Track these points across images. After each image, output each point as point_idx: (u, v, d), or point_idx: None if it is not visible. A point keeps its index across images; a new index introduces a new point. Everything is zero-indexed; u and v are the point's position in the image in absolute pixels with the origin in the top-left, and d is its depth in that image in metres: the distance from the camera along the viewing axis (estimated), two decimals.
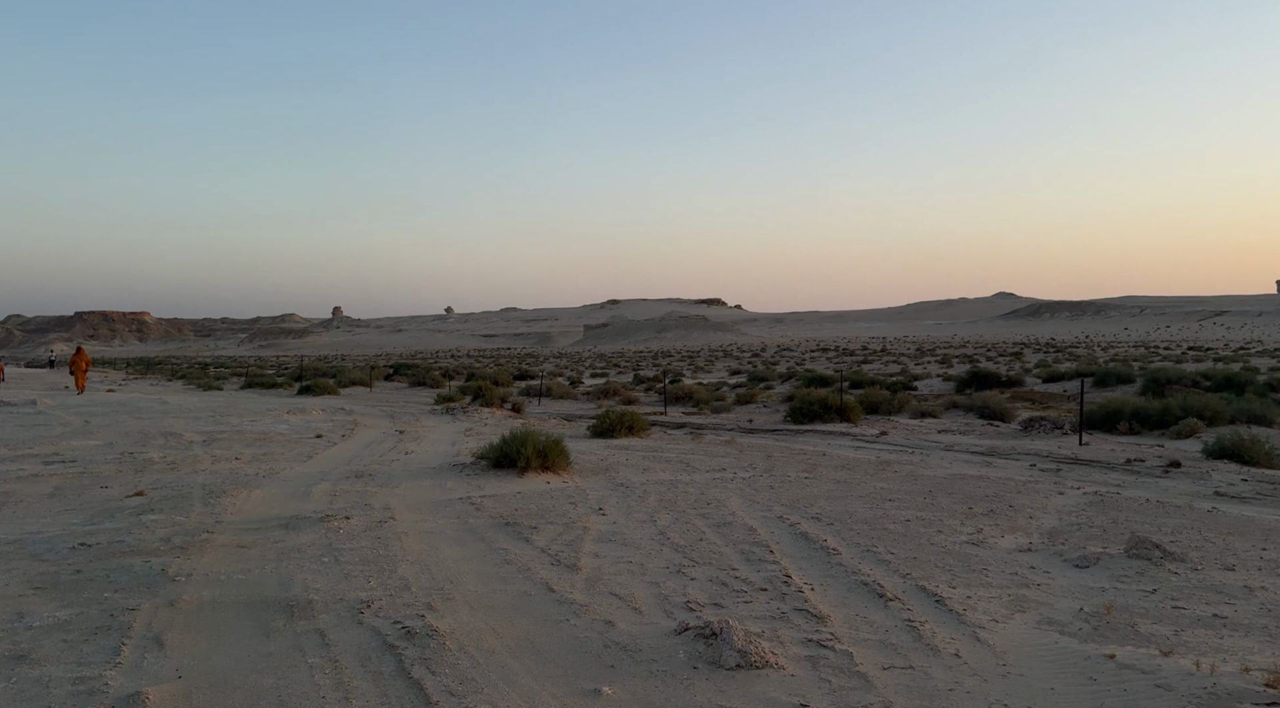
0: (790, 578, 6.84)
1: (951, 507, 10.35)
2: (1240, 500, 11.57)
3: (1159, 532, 8.86)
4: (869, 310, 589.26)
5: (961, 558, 7.70)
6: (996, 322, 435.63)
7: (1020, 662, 5.04)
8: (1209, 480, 13.26)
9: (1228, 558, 7.75)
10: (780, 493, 11.19)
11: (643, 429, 18.61)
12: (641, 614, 5.92)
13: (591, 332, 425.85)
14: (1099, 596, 6.42)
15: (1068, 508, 10.45)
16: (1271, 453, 16.29)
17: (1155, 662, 4.81)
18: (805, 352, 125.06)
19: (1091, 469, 14.60)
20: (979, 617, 5.89)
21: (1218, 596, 6.43)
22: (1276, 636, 5.51)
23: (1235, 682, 4.40)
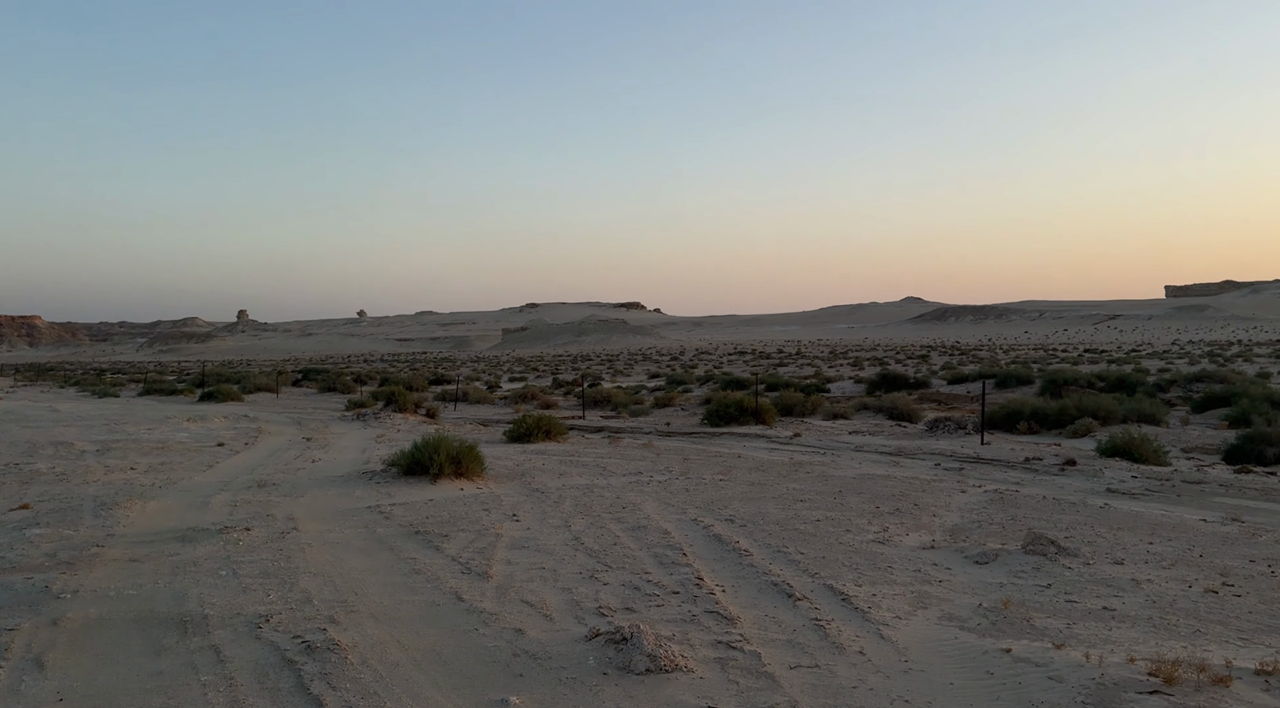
0: (702, 580, 6.87)
1: (860, 506, 10.58)
2: (1130, 496, 12.14)
3: (1054, 528, 9.23)
4: (785, 314, 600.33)
5: (868, 557, 7.87)
6: (905, 325, 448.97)
7: (922, 658, 5.17)
8: (1102, 478, 13.89)
9: (1117, 552, 8.12)
10: (695, 496, 11.26)
11: (560, 433, 18.51)
12: (553, 621, 5.86)
13: (510, 335, 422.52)
14: (997, 591, 6.65)
15: (969, 506, 10.79)
16: (1159, 451, 17.17)
17: (1048, 654, 4.99)
18: (723, 355, 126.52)
19: (992, 468, 15.13)
20: (883, 614, 6.03)
21: (1107, 589, 6.73)
22: (1160, 626, 5.79)
23: (1121, 672, 4.59)
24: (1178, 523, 9.77)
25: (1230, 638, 5.51)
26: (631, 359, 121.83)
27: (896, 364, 69.96)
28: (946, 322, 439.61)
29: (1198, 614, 6.04)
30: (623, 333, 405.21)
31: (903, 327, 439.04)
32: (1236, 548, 8.42)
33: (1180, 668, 4.47)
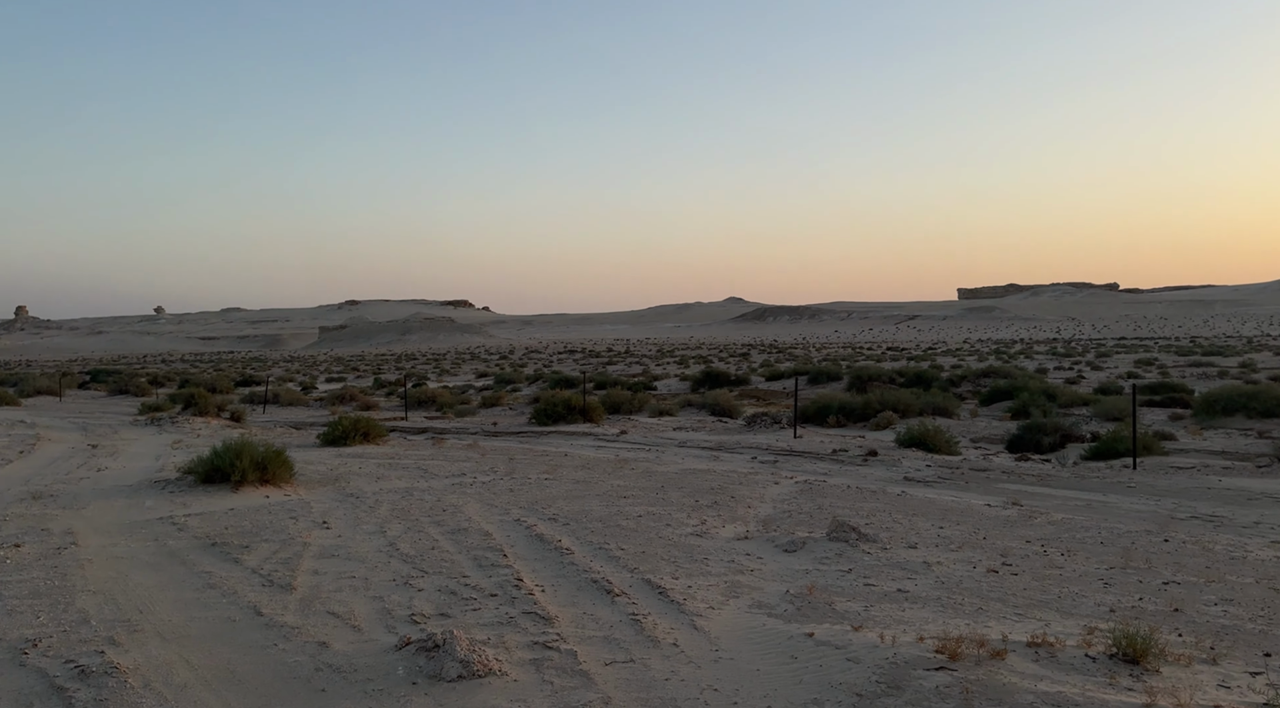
0: (522, 581, 6.78)
1: (681, 501, 10.80)
2: (925, 484, 13.06)
3: (857, 516, 9.77)
4: (615, 313, 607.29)
5: (686, 549, 8.03)
6: (728, 324, 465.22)
7: (732, 646, 5.31)
8: (900, 467, 14.87)
9: (912, 537, 8.69)
10: (520, 496, 11.13)
11: (379, 436, 17.84)
12: (361, 632, 5.60)
13: (328, 334, 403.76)
14: (803, 578, 6.95)
15: (782, 497, 11.26)
16: (951, 441, 18.59)
17: (847, 637, 5.25)
18: (553, 354, 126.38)
19: (804, 460, 15.89)
20: (697, 605, 6.16)
21: (901, 572, 7.18)
22: (948, 606, 6.23)
23: (912, 651, 4.89)
24: (965, 508, 10.58)
25: (1008, 614, 6.00)
26: (459, 358, 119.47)
27: (720, 362, 72.27)
28: (766, 321, 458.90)
29: (980, 593, 6.55)
30: (450, 331, 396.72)
31: (726, 326, 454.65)
32: (1015, 530, 9.21)
33: (963, 644, 4.81)
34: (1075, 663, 4.75)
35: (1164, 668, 4.74)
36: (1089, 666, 4.71)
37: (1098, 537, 8.78)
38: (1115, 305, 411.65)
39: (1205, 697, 4.27)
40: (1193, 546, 8.41)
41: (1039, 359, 68.55)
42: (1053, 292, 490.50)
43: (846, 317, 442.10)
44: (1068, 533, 8.99)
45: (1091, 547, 8.32)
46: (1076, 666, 4.72)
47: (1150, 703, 4.10)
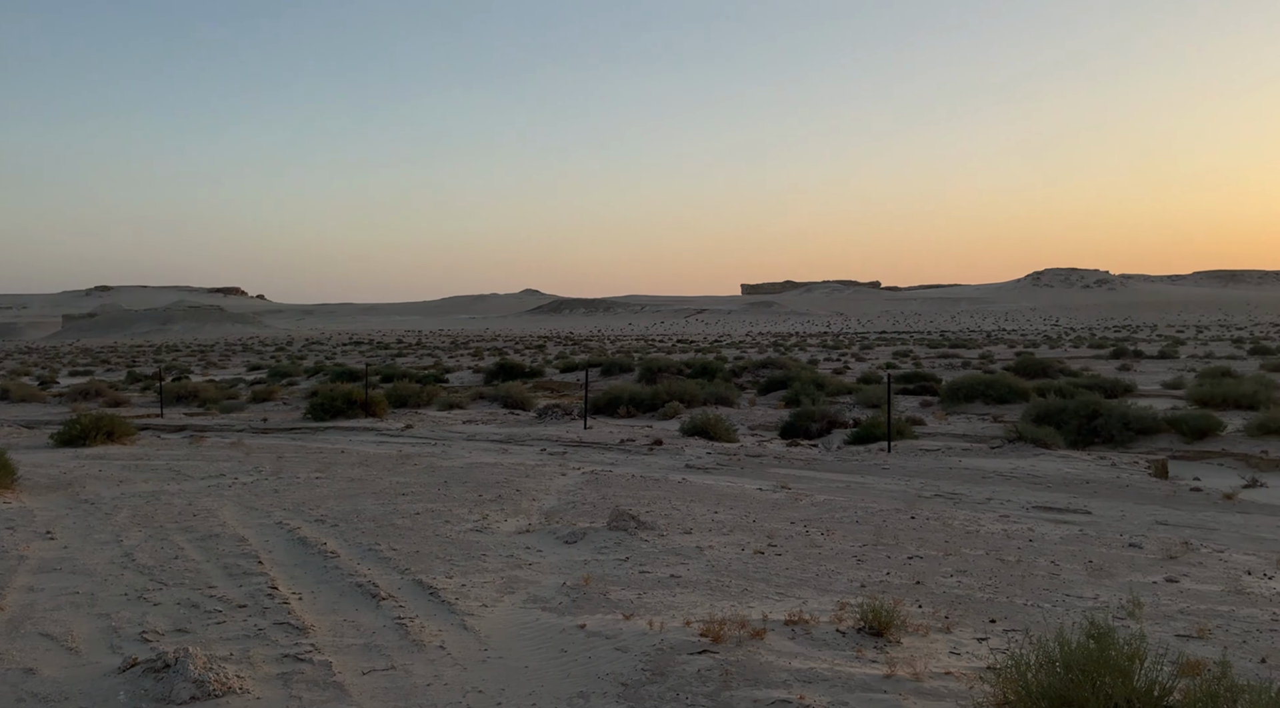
0: (277, 589, 6.29)
1: (463, 496, 10.51)
2: (704, 471, 13.49)
3: (638, 504, 9.90)
4: (406, 304, 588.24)
5: (464, 546, 7.79)
6: (524, 316, 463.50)
7: (502, 644, 5.16)
8: (683, 455, 15.30)
9: (688, 523, 8.90)
10: (285, 497, 10.41)
11: (127, 434, 16.16)
12: (79, 654, 4.96)
13: (74, 323, 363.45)
14: (581, 569, 6.91)
15: (567, 488, 11.24)
16: (730, 429, 19.37)
17: (618, 626, 5.25)
18: (337, 345, 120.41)
19: (592, 450, 15.99)
20: (470, 604, 5.96)
21: (676, 558, 7.32)
22: (716, 589, 6.39)
23: (679, 635, 4.96)
24: (739, 493, 11.01)
25: (770, 594, 6.25)
26: (229, 350, 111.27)
27: (515, 354, 71.74)
28: (562, 313, 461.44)
29: (747, 575, 6.79)
30: (219, 321, 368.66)
31: (522, 318, 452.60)
32: (782, 512, 9.68)
33: (726, 626, 4.93)
34: (827, 639, 4.99)
35: (905, 639, 5.07)
36: (839, 640, 4.97)
37: (854, 516, 9.39)
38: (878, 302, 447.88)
39: (938, 664, 4.61)
40: (935, 522, 9.17)
41: (811, 351, 73.27)
42: (824, 289, 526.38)
43: (640, 309, 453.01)
44: (828, 514, 9.55)
45: (848, 526, 8.88)
46: (828, 641, 4.96)
47: (890, 674, 4.36)
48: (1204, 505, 11.44)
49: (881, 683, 4.24)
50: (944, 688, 4.15)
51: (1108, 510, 10.58)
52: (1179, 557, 7.69)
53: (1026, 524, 9.27)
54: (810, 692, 4.13)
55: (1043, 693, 3.51)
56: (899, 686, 4.20)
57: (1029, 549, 7.95)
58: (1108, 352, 57.60)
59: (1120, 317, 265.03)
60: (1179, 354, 54.24)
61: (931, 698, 4.05)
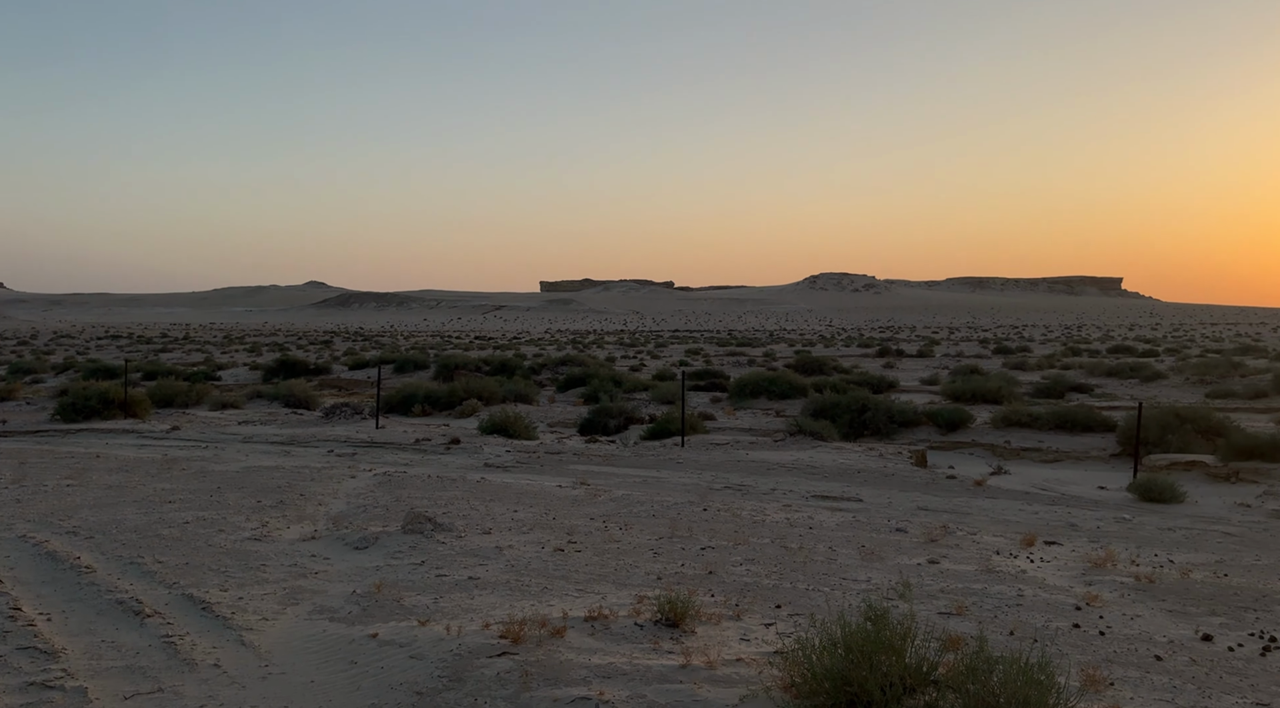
0: (20, 610, 5.58)
1: (239, 502, 9.79)
2: (503, 469, 13.35)
3: (435, 505, 9.63)
4: (171, 294, 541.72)
5: (241, 557, 7.25)
6: (309, 310, 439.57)
7: (285, 659, 4.85)
8: (481, 454, 15.05)
9: (487, 523, 8.76)
10: (29, 507, 9.27)
11: None
12: None
13: None
14: (373, 575, 6.62)
15: (358, 491, 10.74)
16: (529, 426, 19.28)
17: (413, 633, 5.07)
18: (91, 339, 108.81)
19: (385, 451, 15.40)
20: (248, 618, 5.55)
21: (474, 559, 7.17)
22: (516, 588, 6.32)
23: (478, 639, 4.86)
24: (539, 490, 10.98)
25: (570, 591, 6.26)
26: None
27: (298, 350, 67.86)
28: (350, 307, 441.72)
29: (547, 573, 6.77)
30: None
31: (306, 311, 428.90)
32: (582, 508, 9.74)
33: (526, 626, 4.88)
34: (626, 633, 5.06)
35: (699, 628, 5.24)
36: (638, 634, 5.05)
37: (651, 510, 9.61)
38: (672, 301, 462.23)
39: (730, 651, 4.79)
40: (725, 513, 9.56)
41: (609, 349, 74.48)
42: (621, 287, 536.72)
43: (436, 305, 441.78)
44: (626, 508, 9.72)
45: (645, 520, 9.07)
46: (627, 635, 5.03)
47: (686, 664, 4.49)
48: (958, 492, 12.65)
49: (677, 673, 4.35)
50: (736, 675, 4.32)
51: (877, 498, 11.46)
52: (939, 540, 8.45)
53: (807, 513, 9.86)
54: (610, 687, 4.16)
55: (826, 674, 3.73)
56: (694, 674, 4.33)
57: (809, 536, 8.45)
58: (874, 350, 62.57)
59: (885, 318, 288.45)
60: (935, 353, 59.78)
61: (724, 685, 4.20)
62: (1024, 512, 10.88)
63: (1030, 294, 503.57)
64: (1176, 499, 12.38)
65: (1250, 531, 9.87)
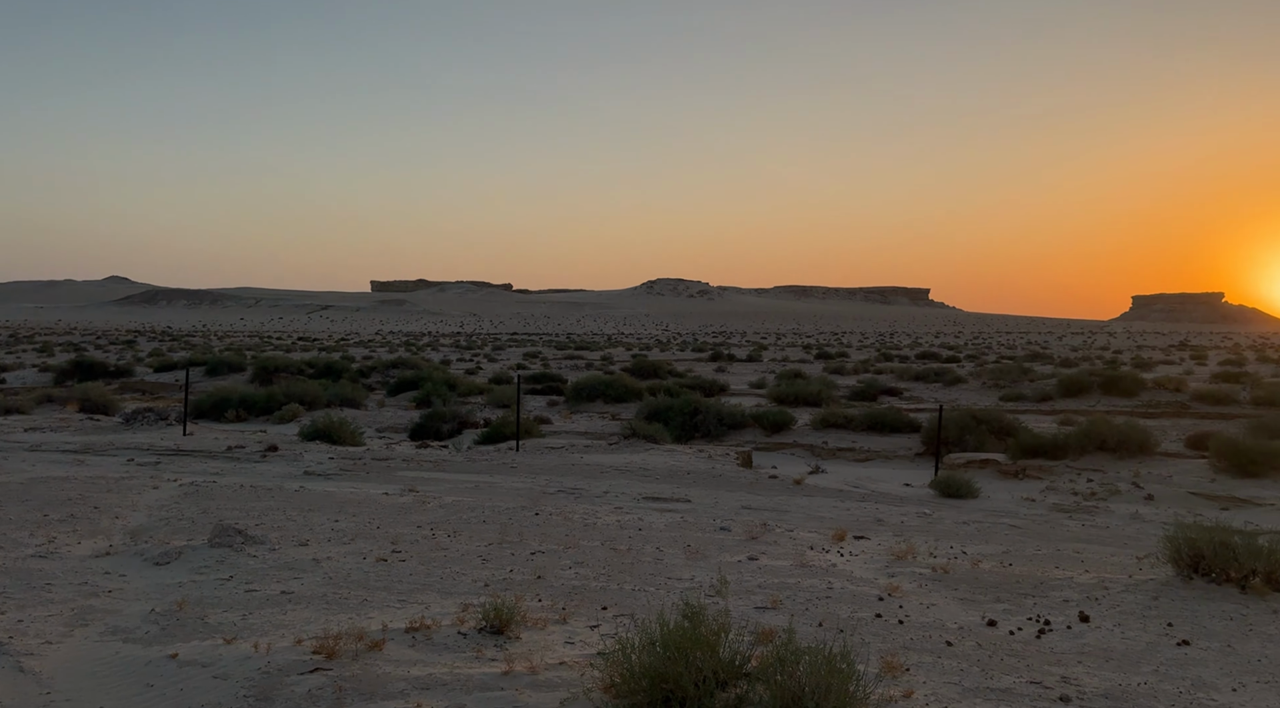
0: None
1: (23, 517, 8.90)
2: (325, 477, 12.80)
3: (247, 517, 9.11)
4: None
5: (21, 576, 6.59)
6: (109, 307, 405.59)
7: (70, 684, 4.45)
8: (301, 461, 14.37)
9: (304, 534, 8.37)
10: None
11: None
12: None
13: None
14: (175, 592, 6.19)
15: (160, 502, 10.01)
16: (356, 432, 18.60)
17: (218, 652, 4.78)
18: None
19: (193, 459, 14.42)
20: (29, 642, 5.06)
21: (289, 572, 6.84)
22: (334, 602, 6.08)
23: (289, 656, 4.63)
24: (364, 499, 10.60)
25: (392, 602, 6.08)
26: None
27: (96, 350, 62.42)
28: (157, 305, 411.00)
29: (368, 584, 6.55)
30: None
31: (106, 308, 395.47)
32: (409, 516, 9.48)
33: (342, 641, 4.71)
34: (449, 642, 4.98)
35: (524, 634, 5.22)
36: (461, 643, 4.98)
37: (481, 516, 9.49)
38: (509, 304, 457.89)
39: (554, 655, 4.81)
40: (557, 517, 9.58)
41: (444, 351, 72.93)
42: (458, 289, 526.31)
43: (255, 304, 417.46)
44: (456, 515, 9.55)
45: (475, 526, 8.95)
46: (450, 644, 4.95)
47: (509, 671, 4.46)
48: (779, 491, 13.24)
49: (499, 681, 4.32)
50: (558, 678, 4.34)
51: (704, 498, 11.81)
52: (759, 537, 8.80)
53: (637, 514, 10.03)
54: (428, 698, 4.08)
55: (644, 673, 3.81)
56: (516, 681, 4.31)
57: (638, 537, 8.60)
58: (708, 355, 64.52)
59: (718, 324, 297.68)
60: (763, 358, 62.31)
61: (546, 689, 4.21)
62: (837, 509, 11.52)
63: (849, 303, 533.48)
64: (972, 495, 13.47)
65: (1033, 523, 10.86)
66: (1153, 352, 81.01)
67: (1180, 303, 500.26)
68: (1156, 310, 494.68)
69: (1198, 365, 52.15)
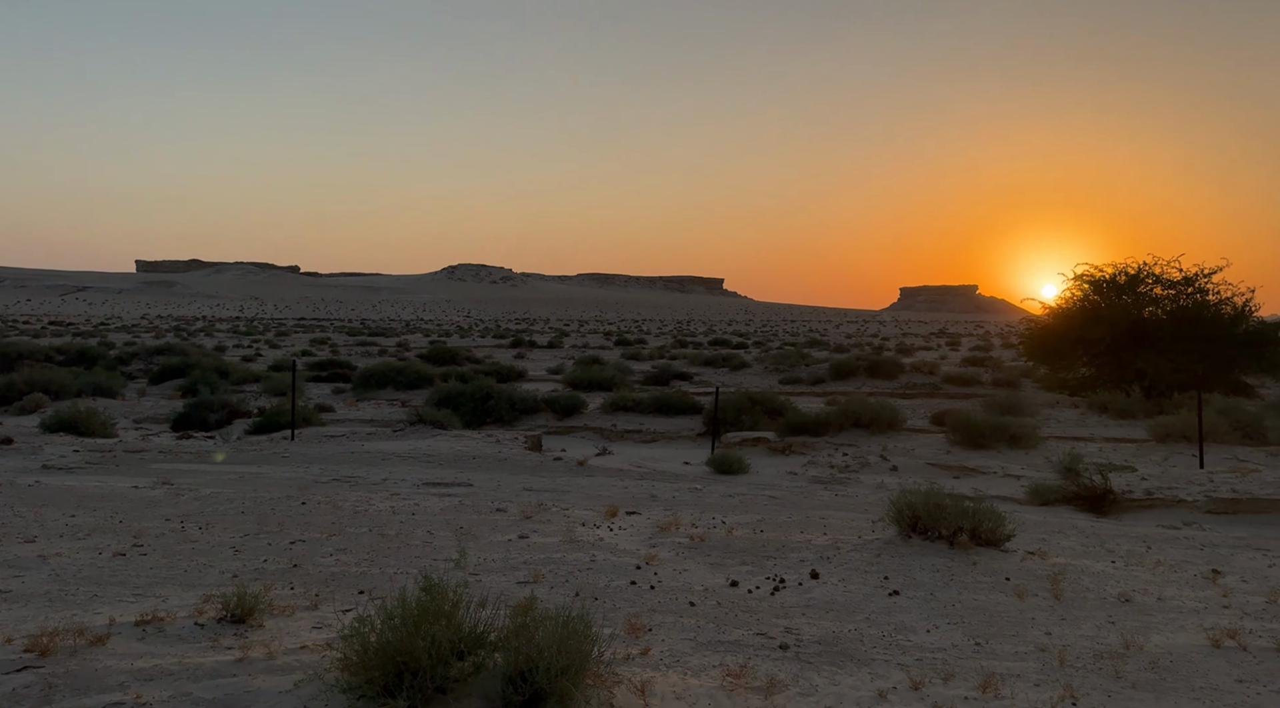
0: None
1: None
2: (67, 471, 11.71)
3: None
4: None
5: None
6: None
7: None
8: (41, 454, 13.05)
9: (34, 530, 7.66)
10: None
11: None
12: None
13: None
14: None
15: None
16: (107, 423, 17.10)
17: None
18: None
19: None
20: None
21: (9, 571, 6.25)
22: (58, 599, 5.63)
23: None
24: (109, 492, 9.81)
25: (126, 596, 5.71)
26: None
27: None
28: None
29: (100, 580, 6.10)
30: None
31: None
32: (159, 509, 8.88)
33: (59, 637, 4.40)
34: (183, 634, 4.76)
35: (268, 622, 5.08)
36: (197, 634, 4.78)
37: (240, 507, 9.04)
38: (297, 287, 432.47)
39: (296, 641, 4.71)
40: (325, 505, 9.29)
41: (220, 337, 68.21)
42: (237, 270, 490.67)
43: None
44: (212, 507, 9.05)
45: (233, 517, 8.52)
46: (184, 636, 4.73)
47: (243, 658, 4.34)
48: (563, 472, 13.48)
49: (232, 668, 4.19)
50: (295, 662, 4.27)
51: (487, 482, 11.84)
52: (533, 516, 8.96)
53: (414, 500, 9.91)
54: (150, 689, 3.90)
55: (381, 648, 3.84)
56: (250, 667, 4.20)
57: (410, 522, 8.52)
58: (508, 342, 64.20)
59: (521, 311, 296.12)
60: (564, 344, 62.85)
61: (282, 673, 4.13)
62: (616, 487, 11.89)
63: (649, 291, 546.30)
64: (743, 470, 14.32)
65: (791, 494, 11.72)
66: (915, 339, 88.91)
67: (941, 294, 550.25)
68: (921, 301, 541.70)
69: (951, 351, 57.75)
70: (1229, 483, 12.27)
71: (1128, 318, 24.62)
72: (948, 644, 5.14)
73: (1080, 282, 26.21)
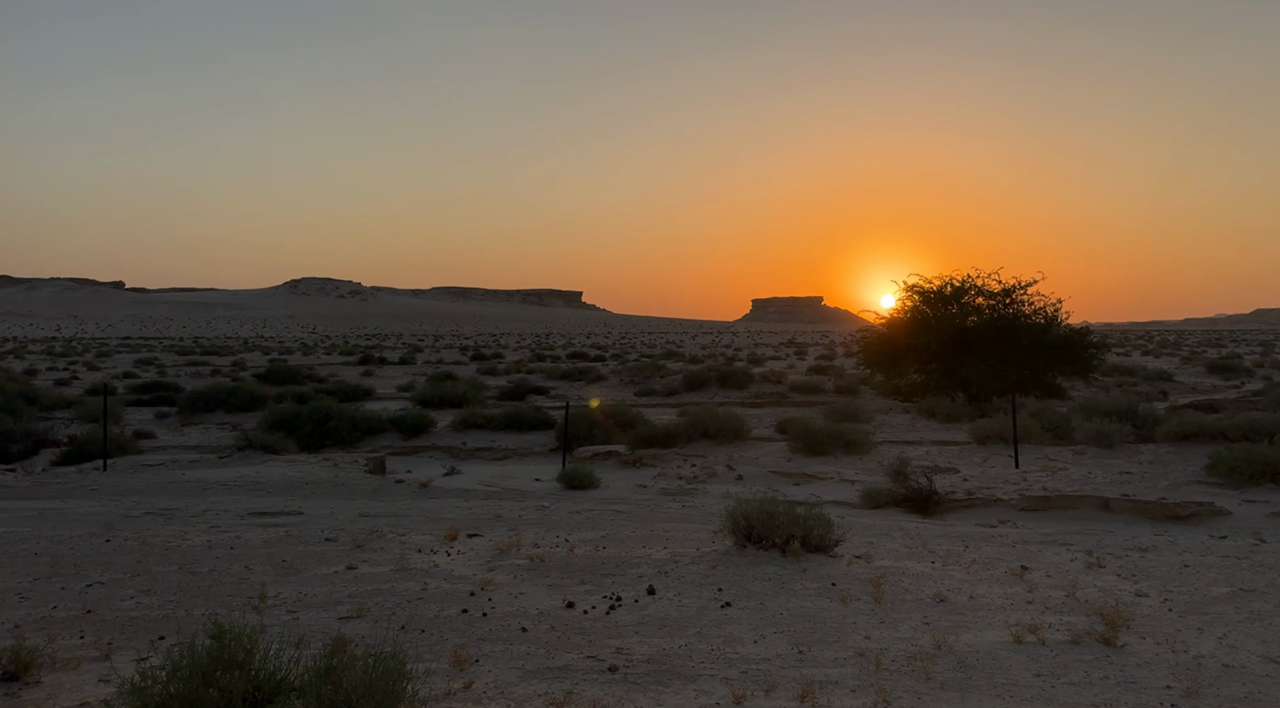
0: None
1: None
2: None
3: None
4: None
5: None
6: None
7: None
8: None
9: None
10: None
11: None
12: None
13: None
14: None
15: None
16: None
17: None
18: None
19: None
20: None
21: None
22: None
23: None
24: None
25: None
26: None
27: None
28: None
29: None
30: None
31: None
32: None
33: None
34: None
35: (48, 677, 4.60)
36: None
37: (34, 547, 8.22)
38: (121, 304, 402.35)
39: (76, 696, 4.28)
40: (134, 542, 8.57)
41: (31, 359, 62.58)
42: (52, 287, 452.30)
43: None
44: (1, 548, 8.18)
45: (23, 559, 7.73)
46: None
47: None
48: (404, 495, 13.01)
49: None
50: None
51: (319, 509, 11.25)
52: (365, 545, 8.56)
53: (235, 533, 9.29)
54: None
55: (164, 703, 3.51)
56: None
57: (227, 557, 7.96)
58: (356, 358, 61.82)
59: (371, 326, 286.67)
60: (417, 360, 61.10)
61: None
62: (460, 509, 11.57)
63: (507, 304, 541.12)
64: (593, 485, 14.25)
65: (639, 507, 11.73)
66: (766, 349, 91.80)
67: (790, 305, 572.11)
68: (771, 312, 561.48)
69: (799, 360, 59.94)
70: (1040, 481, 13.21)
71: (952, 327, 26.22)
72: (773, 654, 5.21)
73: (911, 293, 27.76)
